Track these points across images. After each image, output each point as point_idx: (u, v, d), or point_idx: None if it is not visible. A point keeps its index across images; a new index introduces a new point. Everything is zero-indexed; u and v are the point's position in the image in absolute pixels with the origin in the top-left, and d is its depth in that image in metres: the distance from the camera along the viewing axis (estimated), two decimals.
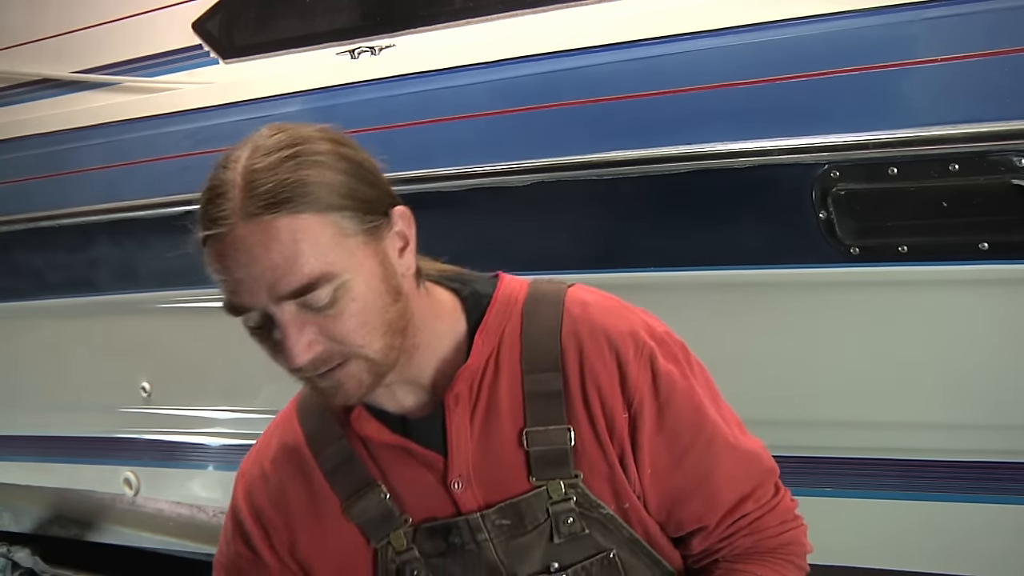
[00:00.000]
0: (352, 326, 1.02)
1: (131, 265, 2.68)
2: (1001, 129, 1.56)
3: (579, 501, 1.13)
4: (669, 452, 1.14)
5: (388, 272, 1.05)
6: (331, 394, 1.07)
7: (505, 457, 1.13)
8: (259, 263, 0.98)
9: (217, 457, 2.87)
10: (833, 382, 1.89)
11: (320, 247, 0.99)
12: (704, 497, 1.16)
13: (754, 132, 1.74)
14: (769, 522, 1.19)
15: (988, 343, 1.77)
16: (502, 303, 1.16)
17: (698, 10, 1.81)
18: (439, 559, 1.16)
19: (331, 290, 1.00)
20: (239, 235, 0.98)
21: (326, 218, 1.00)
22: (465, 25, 2.13)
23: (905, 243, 1.71)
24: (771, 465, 1.21)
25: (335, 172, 1.03)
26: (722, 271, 1.85)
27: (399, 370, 1.10)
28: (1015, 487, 1.82)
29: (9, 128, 2.82)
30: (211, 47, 2.47)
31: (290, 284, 0.99)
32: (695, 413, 1.15)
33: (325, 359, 1.03)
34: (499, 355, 1.14)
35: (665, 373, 1.13)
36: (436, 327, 1.14)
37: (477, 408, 1.13)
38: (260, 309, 1.02)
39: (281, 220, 0.98)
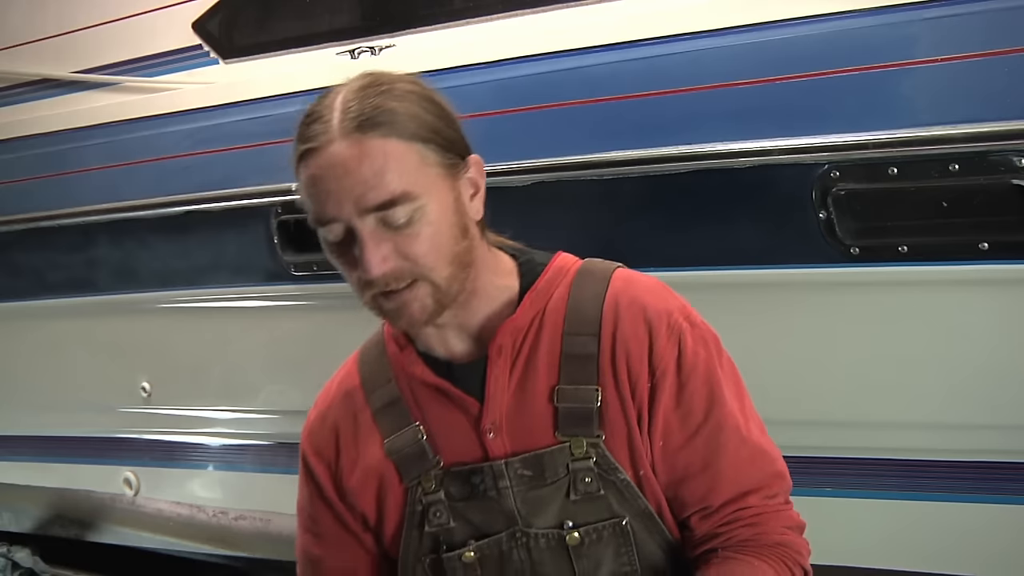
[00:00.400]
0: (424, 248, 1.12)
1: (131, 265, 2.68)
2: (1001, 129, 1.56)
3: (598, 462, 1.19)
4: (681, 428, 1.20)
5: (460, 209, 1.16)
6: (396, 316, 1.17)
7: (536, 411, 1.20)
8: (350, 176, 1.09)
9: (217, 457, 2.87)
10: (833, 382, 1.89)
11: (404, 169, 1.10)
12: (708, 478, 1.20)
13: (754, 132, 1.74)
14: (772, 521, 1.21)
15: (988, 343, 1.77)
16: (554, 272, 1.26)
17: (698, 10, 1.81)
18: (462, 503, 1.23)
19: (410, 210, 1.11)
20: (334, 150, 1.10)
21: (411, 146, 1.11)
22: (465, 25, 2.13)
23: (905, 243, 1.71)
24: (782, 470, 1.24)
25: (421, 109, 1.14)
26: (722, 271, 1.86)
27: (455, 312, 1.20)
28: (1015, 487, 1.82)
29: (9, 128, 2.82)
30: (211, 47, 2.47)
31: (375, 198, 1.09)
32: (712, 396, 1.20)
33: (396, 276, 1.13)
34: (544, 317, 1.23)
35: (691, 353, 1.19)
36: (494, 281, 1.24)
37: (517, 362, 1.22)
38: (344, 221, 1.11)
39: (372, 141, 1.10)
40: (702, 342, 1.21)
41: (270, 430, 2.68)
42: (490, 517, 1.22)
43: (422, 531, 1.25)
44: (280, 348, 2.56)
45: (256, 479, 2.76)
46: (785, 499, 1.25)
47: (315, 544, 1.35)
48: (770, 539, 1.20)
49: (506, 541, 1.22)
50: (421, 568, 1.26)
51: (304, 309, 2.46)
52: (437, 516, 1.23)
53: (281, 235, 2.31)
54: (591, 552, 1.20)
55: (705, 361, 1.20)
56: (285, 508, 2.70)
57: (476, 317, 1.23)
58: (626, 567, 1.20)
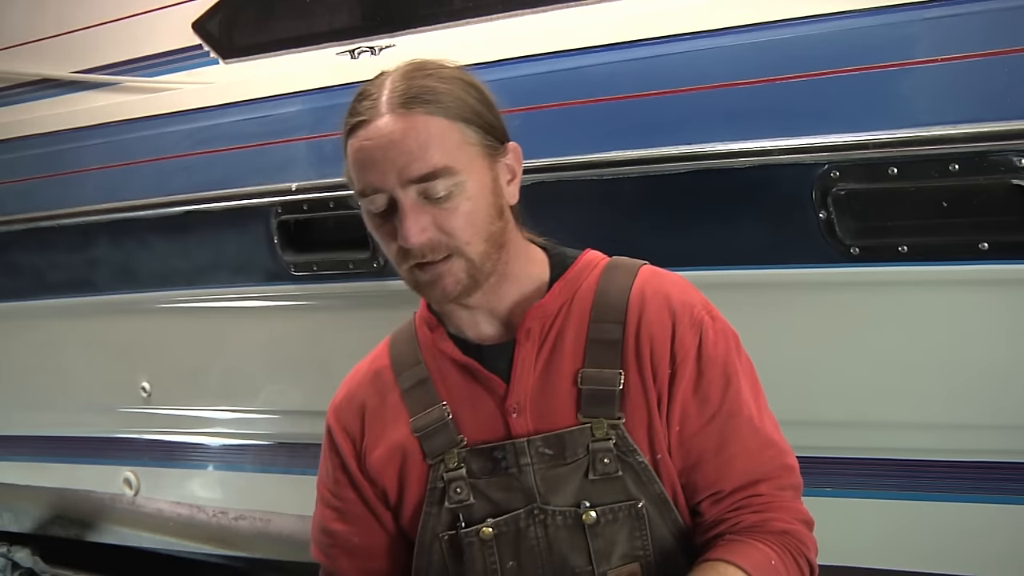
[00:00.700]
0: (461, 222, 1.19)
1: (131, 265, 2.68)
2: (1001, 129, 1.56)
3: (618, 444, 1.22)
4: (698, 415, 1.24)
5: (497, 190, 1.24)
6: (430, 288, 1.22)
7: (560, 393, 1.25)
8: (395, 147, 1.16)
9: (217, 457, 2.87)
10: (833, 382, 1.89)
11: (446, 145, 1.18)
12: (719, 463, 1.24)
13: (754, 132, 1.74)
14: (780, 511, 1.24)
15: (988, 343, 1.77)
16: (584, 264, 1.32)
17: (698, 10, 1.81)
18: (482, 480, 1.26)
19: (450, 184, 1.17)
20: (382, 123, 1.18)
21: (453, 124, 1.19)
22: (465, 25, 2.13)
23: (905, 243, 1.71)
24: (793, 465, 1.28)
25: (464, 92, 1.22)
26: (722, 271, 1.85)
27: (487, 295, 1.26)
28: (1015, 487, 1.81)
29: (9, 128, 2.82)
30: (211, 47, 2.47)
31: (418, 169, 1.16)
32: (728, 385, 1.25)
33: (433, 247, 1.19)
34: (572, 304, 1.28)
35: (711, 344, 1.25)
36: (525, 268, 1.30)
37: (544, 346, 1.27)
38: (388, 192, 1.18)
39: (418, 116, 1.17)
40: (723, 335, 1.26)
41: (270, 430, 2.68)
42: (509, 494, 1.25)
43: (442, 507, 1.27)
44: (280, 348, 2.56)
45: (256, 479, 2.76)
46: (795, 494, 1.28)
47: (334, 519, 1.38)
48: (776, 527, 1.23)
49: (524, 518, 1.24)
50: (438, 544, 1.28)
51: (304, 309, 2.46)
52: (458, 492, 1.26)
53: (281, 235, 2.31)
54: (606, 532, 1.22)
55: (724, 353, 1.25)
56: (285, 508, 2.72)
57: (506, 302, 1.29)
58: (639, 550, 1.23)
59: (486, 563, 1.25)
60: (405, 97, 1.19)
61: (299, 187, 2.24)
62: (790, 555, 1.22)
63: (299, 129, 2.28)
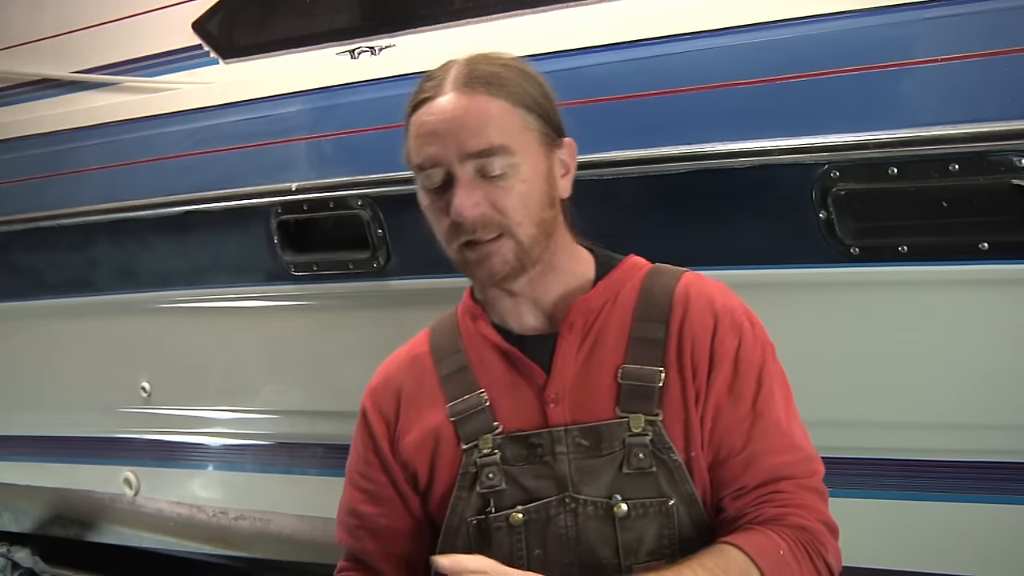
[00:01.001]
0: (515, 202, 1.22)
1: (131, 265, 2.68)
2: (1001, 129, 1.56)
3: (654, 440, 1.23)
4: (730, 413, 1.26)
5: (551, 179, 1.27)
6: (478, 266, 1.25)
7: (599, 387, 1.26)
8: (456, 122, 1.20)
9: (217, 457, 2.87)
10: (833, 382, 1.89)
11: (506, 126, 1.22)
12: (744, 460, 1.25)
13: (754, 132, 1.74)
14: (801, 509, 1.24)
15: (988, 343, 1.77)
16: (628, 267, 1.35)
17: (698, 10, 1.81)
18: (516, 467, 1.26)
19: (506, 163, 1.21)
20: (445, 100, 1.22)
21: (515, 109, 1.23)
22: (465, 25, 2.13)
23: (905, 243, 1.71)
24: (818, 470, 1.29)
25: (525, 82, 1.26)
26: (722, 271, 1.85)
27: (532, 284, 1.28)
28: (1015, 487, 1.81)
29: (9, 128, 2.82)
30: (211, 47, 2.47)
31: (477, 145, 1.20)
32: (760, 388, 1.27)
33: (484, 224, 1.21)
34: (615, 303, 1.30)
35: (749, 348, 1.27)
36: (571, 264, 1.33)
37: (586, 341, 1.29)
38: (445, 166, 1.21)
39: (482, 96, 1.22)
40: (760, 342, 1.29)
41: (270, 430, 2.68)
42: (542, 482, 1.25)
43: (472, 492, 1.28)
44: (280, 348, 2.56)
45: (256, 479, 2.76)
46: (819, 498, 1.28)
47: (362, 500, 1.39)
48: (794, 521, 1.23)
49: (554, 506, 1.24)
50: (465, 528, 1.28)
51: (304, 309, 2.46)
52: (490, 478, 1.26)
53: (281, 235, 2.32)
54: (636, 526, 1.22)
55: (760, 358, 1.28)
56: (285, 508, 2.72)
57: (550, 294, 1.31)
58: (666, 549, 1.23)
59: (512, 549, 1.25)
60: (470, 78, 1.23)
61: (299, 187, 2.24)
62: (804, 551, 1.21)
63: (299, 129, 2.28)
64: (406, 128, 1.27)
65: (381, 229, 2.18)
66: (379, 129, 2.14)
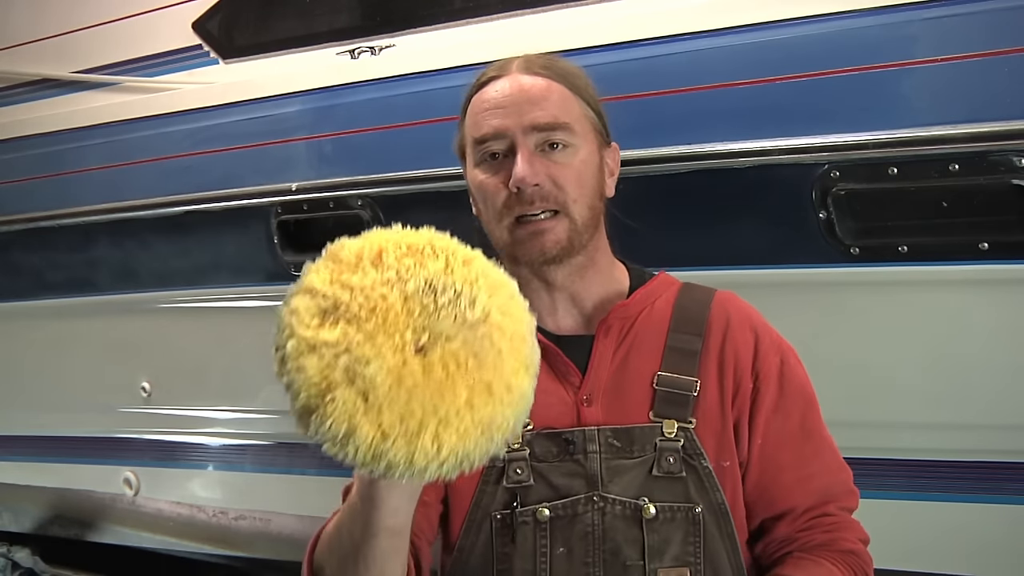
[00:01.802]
0: (573, 177, 1.26)
1: (131, 265, 2.68)
2: (1001, 129, 1.56)
3: (685, 446, 1.25)
4: (780, 431, 1.29)
5: (602, 171, 1.32)
6: (530, 242, 1.27)
7: (634, 391, 1.28)
8: (524, 95, 1.26)
9: (217, 457, 2.87)
10: (833, 382, 1.88)
11: (570, 110, 1.28)
12: (799, 479, 1.28)
13: (754, 132, 1.74)
14: (846, 531, 1.29)
15: (988, 343, 1.77)
16: (660, 281, 1.38)
17: (698, 10, 1.81)
18: (545, 464, 1.27)
19: (567, 138, 1.26)
20: (514, 77, 1.28)
21: (578, 100, 1.30)
22: (465, 25, 2.13)
23: (905, 243, 1.71)
24: (856, 490, 1.33)
25: (586, 81, 1.33)
26: (722, 271, 1.85)
27: (574, 274, 1.31)
28: (1015, 487, 1.82)
29: (9, 128, 2.82)
30: (211, 47, 2.47)
31: (543, 117, 1.25)
32: (808, 406, 1.31)
33: (543, 195, 1.25)
34: (650, 313, 1.33)
35: (791, 368, 1.31)
36: (611, 268, 1.37)
37: (622, 345, 1.31)
38: (509, 136, 1.26)
39: (549, 80, 1.28)
40: (800, 364, 1.33)
41: (270, 430, 2.68)
42: (571, 480, 1.26)
43: (499, 486, 1.28)
44: None
45: (256, 479, 2.76)
46: (852, 513, 1.32)
47: None
48: (844, 546, 1.27)
49: (582, 504, 1.25)
50: (490, 522, 1.28)
51: None
52: (517, 473, 1.27)
53: (281, 235, 2.31)
54: (663, 529, 1.23)
55: (802, 378, 1.32)
56: (285, 508, 2.72)
57: (589, 293, 1.34)
58: (691, 555, 1.24)
59: (536, 546, 1.25)
60: (536, 65, 1.29)
61: (299, 187, 2.24)
62: (853, 574, 1.26)
63: (299, 129, 2.28)
64: (463, 114, 1.32)
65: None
66: (379, 129, 2.14)
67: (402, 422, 0.93)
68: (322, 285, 1.02)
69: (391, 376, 0.94)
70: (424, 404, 0.94)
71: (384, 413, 0.93)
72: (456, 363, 0.96)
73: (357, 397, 0.94)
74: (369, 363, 0.94)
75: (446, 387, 0.95)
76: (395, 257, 1.00)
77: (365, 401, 0.94)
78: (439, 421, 0.94)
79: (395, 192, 2.10)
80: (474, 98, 1.31)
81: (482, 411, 0.96)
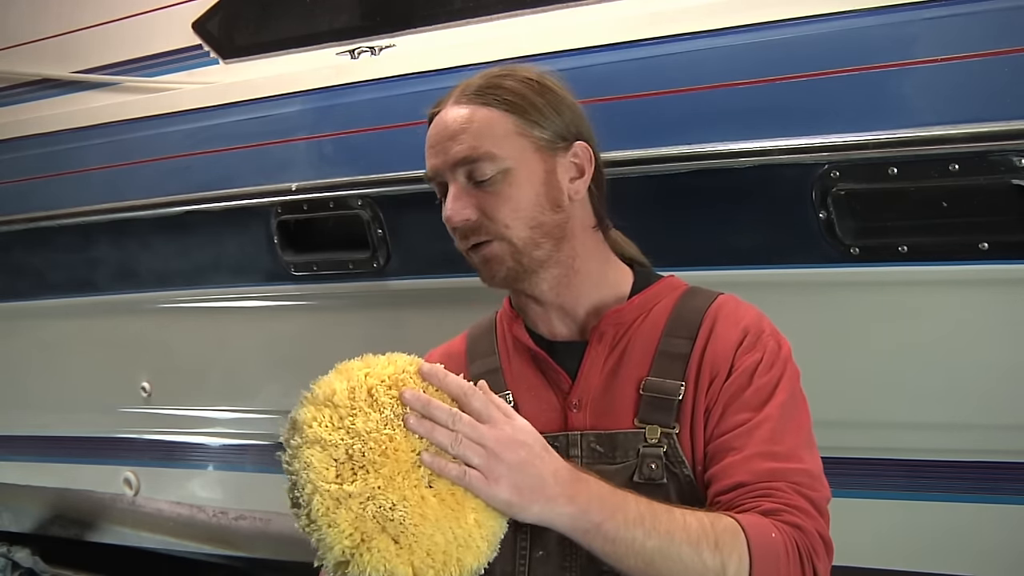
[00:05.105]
0: (503, 208, 1.26)
1: (131, 265, 2.68)
2: (1001, 129, 1.56)
3: (668, 452, 1.24)
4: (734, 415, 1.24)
5: (551, 183, 1.29)
6: (481, 269, 1.30)
7: (621, 397, 1.28)
8: (447, 132, 1.27)
9: (217, 457, 2.87)
10: (833, 382, 1.88)
11: (495, 134, 1.26)
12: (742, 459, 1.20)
13: (754, 132, 1.74)
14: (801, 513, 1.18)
15: (988, 343, 1.77)
16: (665, 285, 1.37)
17: (698, 10, 1.81)
18: None
19: (494, 169, 1.25)
20: (446, 112, 1.30)
21: (508, 117, 1.27)
22: (465, 25, 2.13)
23: (905, 243, 1.71)
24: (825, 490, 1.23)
25: (529, 90, 1.30)
26: (722, 271, 1.85)
27: (555, 288, 1.31)
28: (1015, 487, 1.81)
29: (9, 128, 2.82)
30: (211, 47, 2.47)
31: (459, 152, 1.26)
32: (771, 397, 1.24)
33: (474, 229, 1.27)
34: (647, 319, 1.32)
35: (768, 363, 1.26)
36: (604, 271, 1.36)
37: (614, 351, 1.31)
38: (441, 175, 1.29)
39: (475, 107, 1.28)
40: (781, 363, 1.28)
41: (270, 430, 2.66)
42: None
43: None
44: (280, 348, 2.56)
45: (256, 479, 2.76)
46: (820, 514, 1.21)
47: None
48: (791, 519, 1.16)
49: None
50: None
51: (304, 309, 2.46)
52: None
53: (281, 235, 2.32)
54: None
55: (775, 377, 1.26)
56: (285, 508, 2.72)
57: (581, 301, 1.33)
58: None
59: (515, 548, 1.25)
60: (469, 92, 1.29)
61: (299, 187, 2.24)
62: (796, 548, 1.15)
63: (299, 129, 2.28)
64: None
65: (381, 229, 2.18)
66: (379, 129, 2.14)
67: (429, 555, 1.00)
68: (329, 435, 1.04)
69: (416, 514, 1.01)
70: (445, 535, 1.02)
71: (415, 552, 1.00)
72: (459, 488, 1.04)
73: (390, 542, 1.00)
74: (395, 506, 1.00)
75: (459, 513, 1.03)
76: (384, 392, 1.06)
77: (396, 544, 1.00)
78: (459, 546, 1.02)
79: (395, 192, 2.10)
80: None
81: (488, 526, 1.05)
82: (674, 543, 1.09)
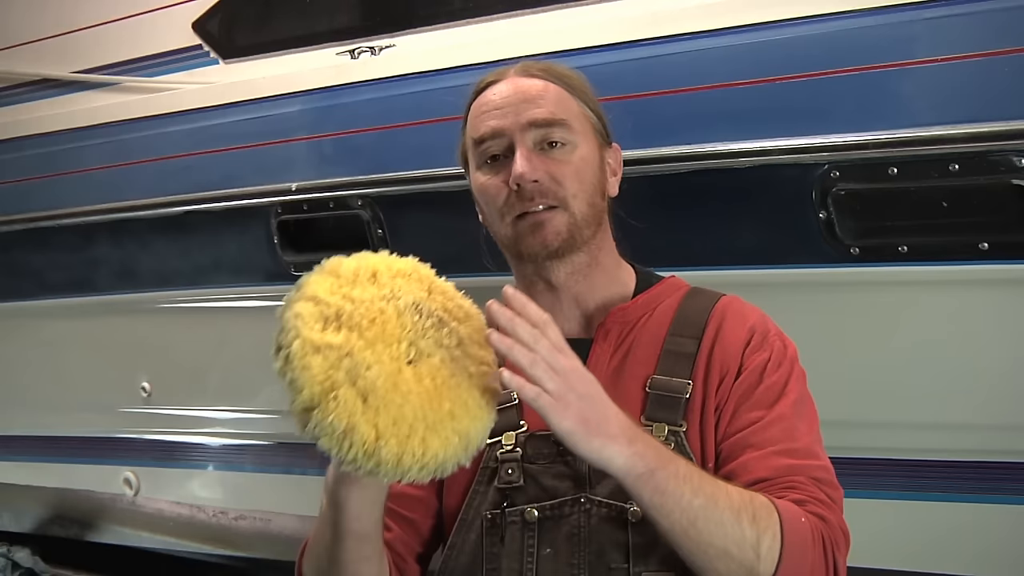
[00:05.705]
0: (571, 173, 1.28)
1: (131, 265, 2.68)
2: (1001, 129, 1.56)
3: (675, 450, 1.21)
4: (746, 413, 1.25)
5: (602, 169, 1.35)
6: (530, 235, 1.28)
7: (627, 395, 1.26)
8: (522, 94, 1.29)
9: (217, 457, 2.87)
10: (833, 382, 1.88)
11: (567, 108, 1.31)
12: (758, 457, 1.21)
13: (754, 132, 1.74)
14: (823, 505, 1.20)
15: (988, 343, 1.77)
16: (668, 285, 1.39)
17: (698, 10, 1.81)
18: (536, 465, 1.27)
19: (565, 135, 1.29)
20: (511, 80, 1.32)
21: (575, 100, 1.33)
22: (465, 25, 2.13)
23: (905, 243, 1.71)
24: (839, 493, 1.26)
25: (585, 85, 1.36)
26: (722, 271, 1.85)
27: (578, 273, 1.32)
28: (1015, 487, 1.81)
29: (9, 128, 2.82)
30: (211, 47, 2.47)
31: (540, 114, 1.28)
32: (782, 397, 1.26)
33: (541, 191, 1.27)
34: (651, 318, 1.33)
35: (774, 364, 1.27)
36: (616, 269, 1.38)
37: (619, 349, 1.31)
38: (508, 135, 1.28)
39: (547, 82, 1.32)
40: (789, 362, 1.29)
41: (270, 430, 2.68)
42: (560, 482, 1.26)
43: (490, 487, 1.28)
44: None
45: (256, 479, 2.76)
46: (838, 507, 1.25)
47: None
48: (815, 511, 1.18)
49: (569, 505, 1.25)
50: (479, 522, 1.28)
51: None
52: (509, 473, 1.27)
53: (281, 235, 2.32)
54: (648, 532, 1.20)
55: (784, 376, 1.27)
56: (285, 508, 2.72)
57: (591, 295, 1.34)
58: (676, 560, 1.19)
59: (523, 546, 1.25)
60: (534, 69, 1.33)
61: (299, 187, 2.24)
62: (820, 537, 1.17)
63: (299, 129, 2.28)
64: (464, 121, 1.34)
65: (381, 229, 2.18)
66: (379, 129, 2.14)
67: (395, 424, 1.00)
68: (325, 294, 1.10)
69: (389, 381, 1.02)
70: (415, 410, 1.02)
71: (381, 415, 1.00)
72: (440, 377, 1.05)
73: (357, 398, 1.01)
74: (370, 367, 1.01)
75: (433, 397, 1.03)
76: (388, 277, 1.11)
77: (364, 402, 1.01)
78: (427, 427, 1.02)
79: (395, 192, 2.10)
80: (473, 104, 1.34)
81: (462, 422, 1.04)
82: (718, 507, 1.09)
